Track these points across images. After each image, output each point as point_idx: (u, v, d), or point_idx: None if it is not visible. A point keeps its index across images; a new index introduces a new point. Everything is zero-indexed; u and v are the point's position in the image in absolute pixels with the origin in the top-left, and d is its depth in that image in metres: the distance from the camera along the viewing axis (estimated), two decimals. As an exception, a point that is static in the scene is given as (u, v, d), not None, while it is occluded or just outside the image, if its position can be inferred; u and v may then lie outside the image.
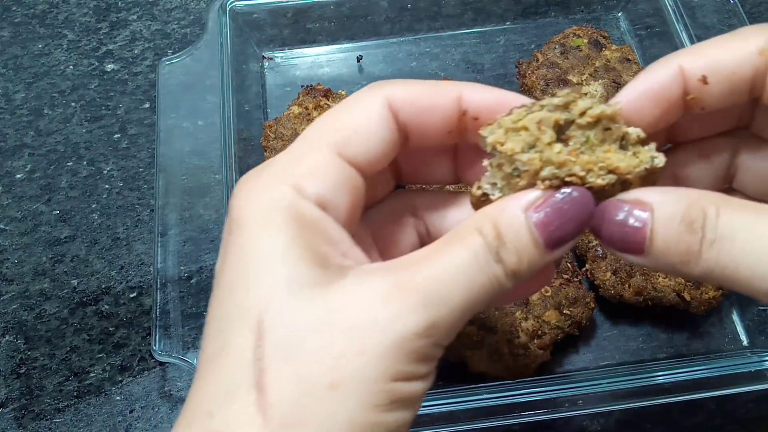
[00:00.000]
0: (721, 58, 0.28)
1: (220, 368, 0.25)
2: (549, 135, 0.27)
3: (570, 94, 0.28)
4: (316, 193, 0.27)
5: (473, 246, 0.26)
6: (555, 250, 0.26)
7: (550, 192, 0.26)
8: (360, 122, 0.28)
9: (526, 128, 0.27)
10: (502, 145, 0.27)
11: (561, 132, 0.28)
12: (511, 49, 0.71)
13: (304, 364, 0.24)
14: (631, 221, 0.26)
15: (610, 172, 0.27)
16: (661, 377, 0.48)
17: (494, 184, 0.28)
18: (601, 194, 0.27)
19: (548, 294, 0.51)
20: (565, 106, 0.28)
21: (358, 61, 0.70)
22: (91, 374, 0.56)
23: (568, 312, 0.51)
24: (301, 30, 0.69)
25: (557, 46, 0.64)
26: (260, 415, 0.23)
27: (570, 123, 0.27)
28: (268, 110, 0.67)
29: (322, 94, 0.62)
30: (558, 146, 0.27)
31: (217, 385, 0.25)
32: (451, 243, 0.26)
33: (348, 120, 0.28)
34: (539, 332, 0.50)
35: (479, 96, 0.29)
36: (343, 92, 0.64)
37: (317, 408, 0.24)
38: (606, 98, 0.50)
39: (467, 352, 0.49)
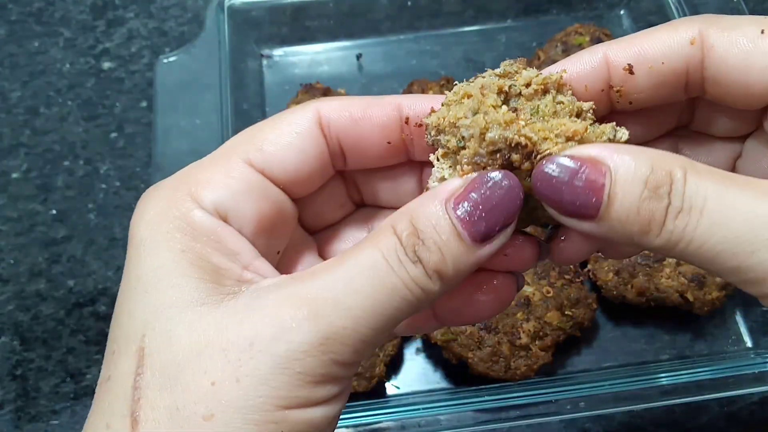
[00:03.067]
0: (648, 48, 0.26)
1: (104, 396, 0.23)
2: (493, 98, 0.24)
3: (513, 64, 0.26)
4: (214, 201, 0.25)
5: (384, 246, 0.23)
6: (484, 244, 0.23)
7: (473, 179, 0.23)
8: (279, 134, 0.26)
9: (468, 95, 0.25)
10: (444, 119, 0.24)
11: (507, 103, 0.25)
12: (512, 47, 0.70)
13: (179, 393, 0.22)
14: (584, 182, 0.22)
15: (569, 139, 0.24)
16: (664, 379, 0.48)
17: (443, 179, 0.25)
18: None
19: (550, 295, 0.50)
20: (508, 76, 0.26)
21: (358, 59, 0.69)
22: (88, 376, 0.55)
23: (569, 313, 0.50)
24: (300, 28, 0.69)
25: (559, 45, 0.63)
26: None
27: (518, 95, 0.25)
28: (267, 108, 0.67)
29: (321, 93, 0.62)
30: (504, 108, 0.24)
31: (99, 414, 0.23)
32: (361, 246, 0.23)
33: (268, 132, 0.26)
34: (541, 333, 0.50)
35: (420, 101, 0.27)
36: (342, 90, 0.63)
37: None
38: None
39: (468, 354, 0.49)
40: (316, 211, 0.29)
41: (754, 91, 0.25)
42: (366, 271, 0.22)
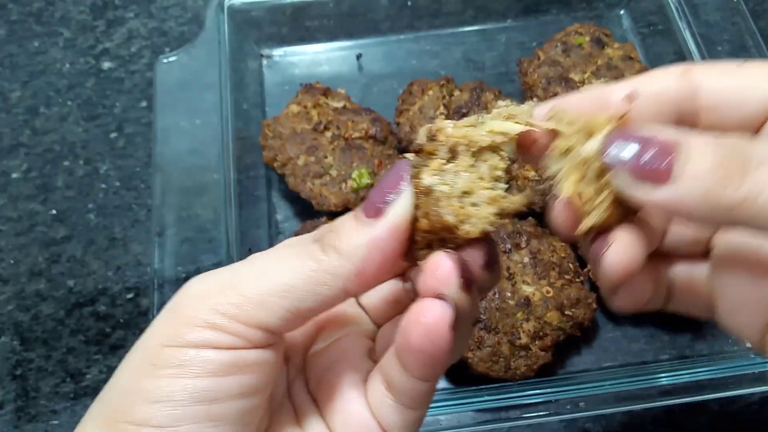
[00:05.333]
0: (648, 81, 0.27)
1: None
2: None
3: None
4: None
5: (303, 249, 0.26)
6: (378, 217, 0.25)
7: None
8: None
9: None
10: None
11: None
12: (512, 47, 0.70)
13: None
14: (659, 142, 0.23)
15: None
16: (664, 379, 0.48)
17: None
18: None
19: (550, 295, 0.50)
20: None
21: (358, 59, 0.69)
22: (88, 376, 0.55)
23: (569, 313, 0.50)
24: (300, 28, 0.69)
25: (559, 44, 0.63)
26: None
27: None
28: (267, 109, 0.67)
29: (321, 93, 0.62)
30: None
31: None
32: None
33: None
34: (541, 333, 0.50)
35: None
36: (342, 90, 0.63)
37: None
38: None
39: (468, 354, 0.49)
40: None
41: (745, 112, 0.26)
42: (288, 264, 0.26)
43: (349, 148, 0.58)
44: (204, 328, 0.25)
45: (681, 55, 0.63)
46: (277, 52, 0.70)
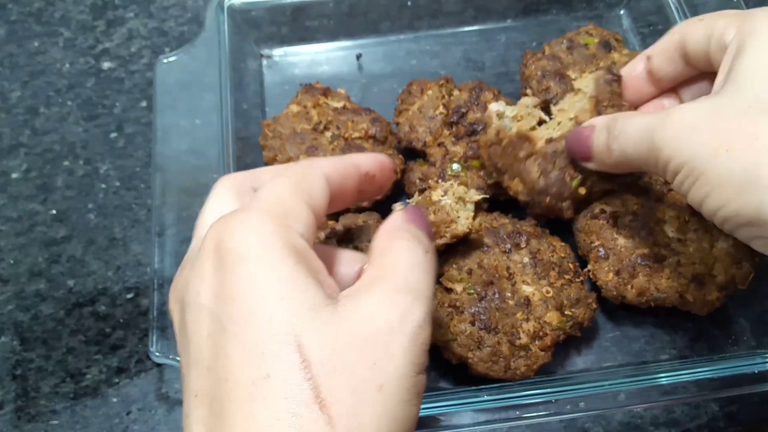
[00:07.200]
0: (658, 44, 0.50)
1: (273, 392, 0.26)
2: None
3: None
4: (300, 231, 0.31)
5: (409, 245, 0.32)
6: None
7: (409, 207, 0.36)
8: (315, 184, 0.34)
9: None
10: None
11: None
12: (512, 47, 0.70)
13: (350, 375, 0.27)
14: (581, 137, 0.47)
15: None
16: (664, 379, 0.48)
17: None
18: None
19: (550, 295, 0.50)
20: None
21: (358, 59, 0.69)
22: (88, 376, 0.55)
23: (569, 313, 0.50)
24: (299, 28, 0.69)
25: (565, 42, 0.63)
26: (329, 428, 0.26)
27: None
28: (267, 109, 0.67)
29: (321, 93, 0.62)
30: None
31: (274, 408, 0.26)
32: (396, 249, 0.32)
33: (307, 180, 0.34)
34: (540, 333, 0.49)
35: (372, 161, 0.39)
36: (342, 90, 0.63)
37: (371, 410, 0.27)
38: (596, 98, 0.50)
39: (468, 354, 0.49)
40: None
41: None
42: (417, 265, 0.32)
43: (349, 148, 0.58)
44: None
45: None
46: (277, 52, 0.70)
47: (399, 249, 0.32)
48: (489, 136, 0.53)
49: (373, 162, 0.39)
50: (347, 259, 0.36)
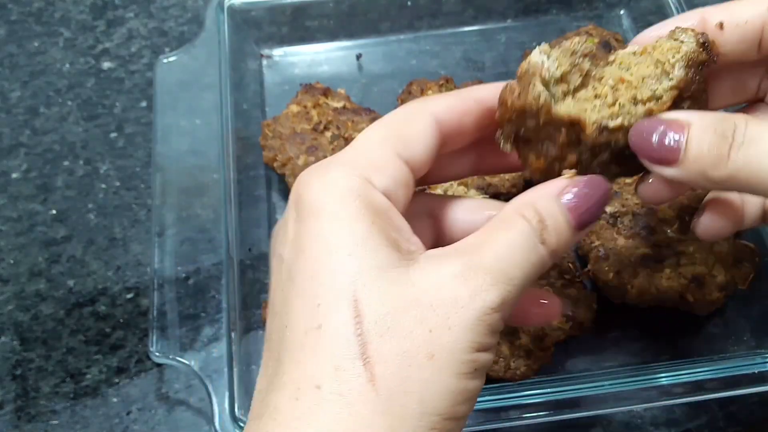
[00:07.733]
0: (737, 10, 0.34)
1: (322, 344, 0.27)
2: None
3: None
4: (384, 186, 0.30)
5: (523, 229, 0.29)
6: (581, 231, 0.30)
7: (574, 180, 0.31)
8: (415, 131, 0.32)
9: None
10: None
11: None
12: (512, 47, 0.70)
13: (402, 338, 0.26)
14: (669, 134, 0.31)
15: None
16: (664, 379, 0.48)
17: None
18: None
19: (550, 295, 0.50)
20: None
21: (358, 59, 0.69)
22: (88, 376, 0.55)
23: (569, 313, 0.50)
24: (299, 28, 0.69)
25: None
26: (370, 385, 0.26)
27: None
28: (267, 109, 0.67)
29: (321, 93, 0.62)
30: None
31: (318, 360, 0.27)
32: (503, 228, 0.29)
33: (405, 128, 0.32)
34: (540, 333, 0.49)
35: (495, 93, 0.33)
36: (342, 90, 0.63)
37: (418, 377, 0.26)
38: (680, 87, 0.46)
39: (468, 354, 0.49)
40: None
41: None
42: (518, 248, 0.29)
43: (349, 148, 0.58)
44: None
45: (681, 55, 0.63)
46: (277, 52, 0.70)
47: (512, 224, 0.29)
48: (528, 101, 0.34)
49: (495, 94, 0.34)
50: (472, 206, 0.35)
